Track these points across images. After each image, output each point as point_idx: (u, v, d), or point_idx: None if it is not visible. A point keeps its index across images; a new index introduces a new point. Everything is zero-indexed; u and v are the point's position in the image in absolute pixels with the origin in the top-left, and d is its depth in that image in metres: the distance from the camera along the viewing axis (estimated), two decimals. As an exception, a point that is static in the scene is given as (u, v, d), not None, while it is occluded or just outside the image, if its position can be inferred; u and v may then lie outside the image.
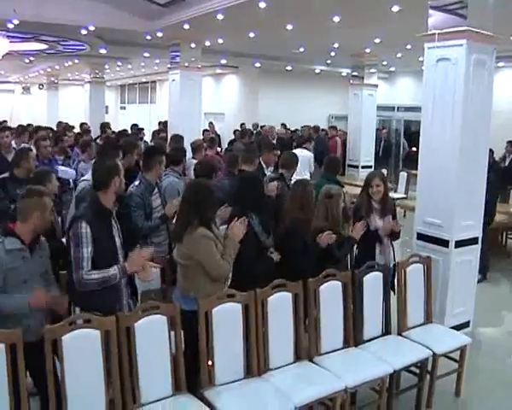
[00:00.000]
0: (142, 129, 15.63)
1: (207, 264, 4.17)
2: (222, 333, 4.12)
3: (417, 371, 5.04)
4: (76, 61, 18.61)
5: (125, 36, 13.29)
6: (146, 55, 16.30)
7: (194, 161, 7.68)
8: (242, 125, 17.84)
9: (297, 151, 12.02)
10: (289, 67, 18.74)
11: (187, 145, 9.05)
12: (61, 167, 7.99)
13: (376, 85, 15.54)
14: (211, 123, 17.58)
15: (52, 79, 25.85)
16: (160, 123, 17.12)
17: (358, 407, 4.70)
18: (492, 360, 6.19)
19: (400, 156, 19.12)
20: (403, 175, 13.73)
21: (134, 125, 15.79)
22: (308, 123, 17.09)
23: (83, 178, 5.99)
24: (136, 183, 5.64)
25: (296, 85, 20.12)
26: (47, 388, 3.50)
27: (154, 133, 14.92)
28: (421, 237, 6.54)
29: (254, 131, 15.98)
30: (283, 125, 17.92)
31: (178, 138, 9.83)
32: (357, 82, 15.32)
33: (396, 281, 5.34)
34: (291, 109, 19.43)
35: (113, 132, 13.63)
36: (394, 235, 5.74)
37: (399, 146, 19.34)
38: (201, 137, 12.26)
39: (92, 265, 3.85)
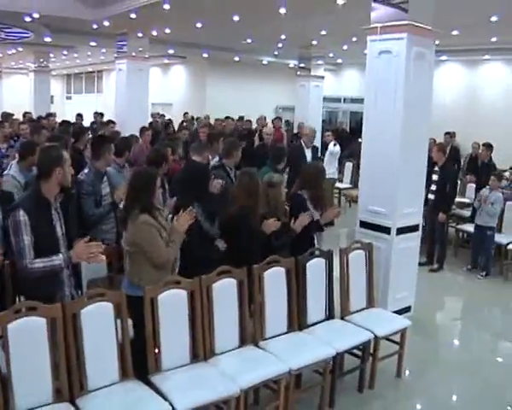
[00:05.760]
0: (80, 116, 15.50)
1: (149, 251, 4.21)
2: (168, 319, 4.15)
3: (360, 353, 5.17)
4: (20, 49, 18.21)
5: (71, 24, 13.10)
6: (92, 44, 16.10)
7: None
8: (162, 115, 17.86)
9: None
10: (237, 58, 18.79)
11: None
12: None
13: (323, 77, 15.76)
14: (156, 114, 17.48)
15: (-6, 67, 25.25)
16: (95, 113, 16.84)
17: (303, 389, 4.82)
18: (432, 342, 6.44)
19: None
20: (348, 166, 13.96)
21: (79, 115, 15.62)
22: (255, 114, 17.15)
23: (6, 172, 5.92)
24: (86, 171, 5.71)
25: (244, 76, 20.21)
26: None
27: (92, 124, 14.64)
28: (363, 224, 6.70)
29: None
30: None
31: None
32: (304, 73, 15.51)
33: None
34: (239, 100, 19.44)
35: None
36: (332, 222, 5.93)
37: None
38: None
39: (34, 254, 3.82)
